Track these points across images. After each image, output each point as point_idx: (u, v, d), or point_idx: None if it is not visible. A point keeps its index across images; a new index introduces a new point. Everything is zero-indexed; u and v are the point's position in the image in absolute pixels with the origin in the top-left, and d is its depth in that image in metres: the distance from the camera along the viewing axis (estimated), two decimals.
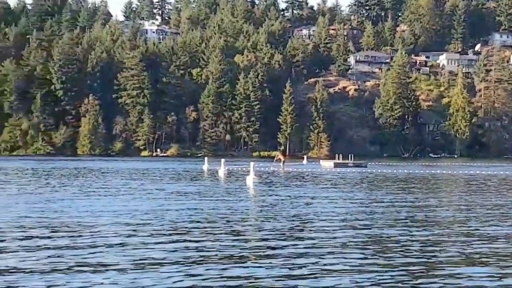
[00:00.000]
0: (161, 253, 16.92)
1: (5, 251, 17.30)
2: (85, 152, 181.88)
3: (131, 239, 19.47)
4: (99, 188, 44.67)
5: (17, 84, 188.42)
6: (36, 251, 17.34)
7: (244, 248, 17.99)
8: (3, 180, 55.23)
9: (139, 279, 13.88)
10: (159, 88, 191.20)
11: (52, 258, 16.18)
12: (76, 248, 17.72)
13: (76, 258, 16.08)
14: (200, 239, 19.55)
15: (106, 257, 16.21)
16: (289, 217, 26.00)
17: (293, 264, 15.61)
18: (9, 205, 30.67)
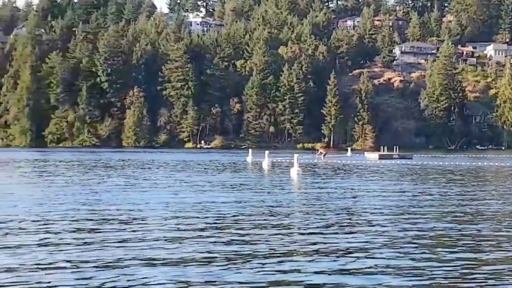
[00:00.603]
0: (208, 247, 16.79)
1: (52, 243, 17.32)
2: (130, 144, 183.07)
3: (179, 232, 19.38)
4: (144, 180, 44.79)
5: (63, 77, 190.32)
6: (83, 244, 17.32)
7: (291, 242, 17.79)
8: (52, 171, 55.71)
9: (187, 274, 13.68)
10: (203, 80, 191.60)
11: (101, 252, 16.14)
12: (125, 241, 17.67)
13: (124, 252, 16.00)
14: (246, 233, 19.37)
15: (155, 251, 16.08)
16: (336, 210, 25.72)
17: (341, 260, 15.32)
18: (57, 197, 30.84)
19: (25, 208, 25.75)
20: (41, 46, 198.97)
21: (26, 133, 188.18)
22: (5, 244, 17.22)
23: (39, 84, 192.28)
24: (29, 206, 26.67)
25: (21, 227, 20.57)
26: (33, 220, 22.30)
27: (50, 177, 47.41)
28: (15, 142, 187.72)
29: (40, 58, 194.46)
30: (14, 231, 19.66)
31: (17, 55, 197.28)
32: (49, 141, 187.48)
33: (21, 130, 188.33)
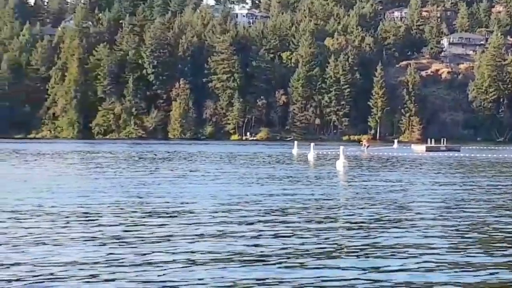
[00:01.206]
0: (257, 242, 16.52)
1: (98, 237, 17.23)
2: (175, 136, 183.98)
3: (226, 226, 19.15)
4: (192, 172, 44.80)
5: (110, 69, 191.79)
6: (130, 238, 17.20)
7: (340, 237, 17.47)
8: (99, 163, 56.08)
9: (236, 271, 13.24)
10: (249, 72, 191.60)
11: (148, 246, 15.98)
12: (172, 236, 17.48)
13: (171, 247, 15.80)
14: (294, 227, 19.08)
15: (202, 246, 15.79)
16: (384, 204, 25.34)
17: (391, 256, 14.92)
18: (105, 189, 30.93)
19: (74, 200, 25.81)
20: (88, 39, 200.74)
21: (74, 125, 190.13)
22: (52, 237, 17.17)
23: (87, 76, 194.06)
24: (77, 198, 26.75)
25: (70, 219, 20.57)
26: (81, 212, 22.30)
27: (98, 169, 47.70)
28: (62, 134, 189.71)
29: (87, 51, 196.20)
30: (61, 223, 19.66)
31: (65, 48, 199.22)
32: (96, 132, 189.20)
33: (68, 122, 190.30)
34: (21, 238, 16.77)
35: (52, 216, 21.09)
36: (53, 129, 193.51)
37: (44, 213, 21.77)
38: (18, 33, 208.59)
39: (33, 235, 17.21)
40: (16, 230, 18.14)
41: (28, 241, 16.44)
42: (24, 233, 17.53)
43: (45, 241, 16.40)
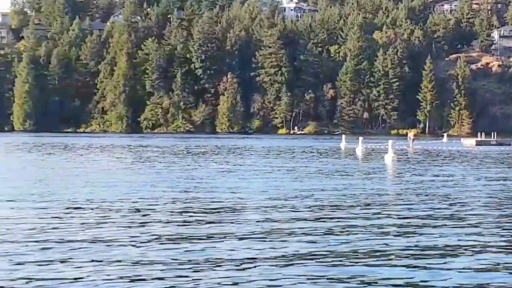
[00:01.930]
0: (310, 238, 16.35)
1: (146, 234, 17.20)
2: (223, 130, 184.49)
3: (277, 224, 18.97)
4: (240, 166, 44.76)
5: (158, 63, 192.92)
6: (182, 235, 17.15)
7: (392, 234, 17.20)
8: (149, 157, 56.38)
9: (291, 271, 12.97)
10: (296, 66, 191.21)
11: (201, 244, 15.90)
12: (221, 233, 17.39)
13: (220, 246, 15.60)
14: (344, 224, 18.86)
15: (253, 244, 15.58)
16: (436, 199, 24.96)
17: (445, 254, 14.54)
18: (156, 183, 31.03)
19: (124, 194, 25.91)
20: (137, 33, 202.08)
21: (122, 119, 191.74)
22: (101, 235, 17.18)
23: (135, 70, 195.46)
24: (127, 192, 26.85)
25: (120, 214, 20.62)
26: (131, 207, 22.35)
27: (148, 163, 47.93)
28: (111, 128, 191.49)
29: (136, 45, 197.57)
30: (111, 217, 19.72)
31: (114, 42, 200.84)
32: (144, 127, 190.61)
33: (117, 116, 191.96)
34: (74, 234, 16.84)
35: (104, 210, 21.18)
36: (102, 123, 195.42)
37: (96, 208, 21.87)
38: (68, 28, 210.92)
39: (86, 230, 17.28)
40: (69, 225, 18.23)
41: (82, 237, 16.49)
42: (78, 228, 17.61)
43: (98, 237, 16.43)
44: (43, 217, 19.52)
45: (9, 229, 17.40)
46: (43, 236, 16.29)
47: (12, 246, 14.91)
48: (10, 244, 15.18)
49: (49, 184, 30.59)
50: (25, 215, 19.94)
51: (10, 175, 36.12)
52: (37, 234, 16.61)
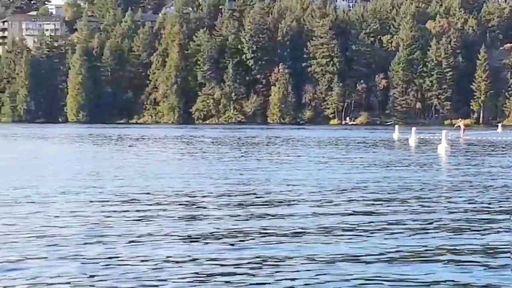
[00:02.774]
0: (360, 236, 16.16)
1: (193, 228, 17.15)
2: (274, 121, 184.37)
3: (328, 219, 18.83)
4: (293, 157, 44.60)
5: (210, 54, 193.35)
6: (235, 231, 17.07)
7: (448, 230, 16.89)
8: (201, 148, 56.53)
9: (347, 270, 12.81)
10: (348, 56, 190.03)
11: (255, 241, 15.81)
12: (272, 228, 17.26)
13: (280, 243, 15.44)
14: (397, 219, 18.60)
15: (307, 242, 15.40)
16: (493, 191, 24.49)
17: (504, 252, 14.24)
18: (210, 173, 31.04)
19: (177, 186, 25.96)
20: (188, 24, 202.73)
21: (174, 110, 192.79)
22: (153, 229, 17.18)
23: (187, 62, 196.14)
24: (180, 184, 26.90)
25: (173, 206, 20.64)
26: (184, 199, 22.37)
27: (201, 154, 48.03)
28: (163, 118, 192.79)
29: (187, 36, 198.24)
30: (164, 210, 19.74)
31: (166, 34, 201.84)
32: (196, 117, 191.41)
33: (169, 107, 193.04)
34: (130, 227, 16.89)
35: (157, 202, 21.23)
36: (154, 114, 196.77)
37: (150, 200, 21.94)
38: (120, 20, 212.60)
39: (141, 223, 17.33)
40: (125, 217, 18.30)
41: (137, 230, 16.54)
42: (133, 221, 17.67)
43: (152, 231, 16.45)
44: (98, 210, 19.63)
45: (66, 221, 17.51)
46: (99, 230, 16.34)
47: (70, 240, 14.98)
48: (69, 238, 15.25)
49: (104, 176, 30.82)
50: (80, 207, 20.07)
51: (66, 167, 36.52)
52: (94, 227, 16.67)
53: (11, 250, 13.79)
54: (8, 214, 18.51)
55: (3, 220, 17.49)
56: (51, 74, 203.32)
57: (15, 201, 21.13)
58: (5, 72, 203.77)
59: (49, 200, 21.50)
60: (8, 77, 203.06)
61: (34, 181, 27.48)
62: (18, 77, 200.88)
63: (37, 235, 15.41)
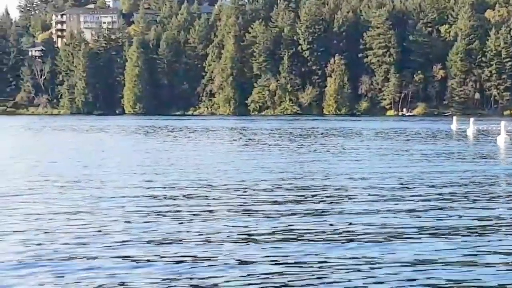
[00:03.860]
0: (416, 222, 15.83)
1: (245, 222, 17.00)
2: (330, 112, 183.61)
3: (387, 213, 18.50)
4: (350, 149, 44.19)
5: (265, 46, 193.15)
6: (291, 230, 16.89)
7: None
8: (261, 139, 56.44)
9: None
10: (405, 47, 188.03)
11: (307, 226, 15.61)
12: (327, 224, 17.01)
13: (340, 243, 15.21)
14: (456, 209, 18.19)
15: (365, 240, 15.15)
16: None
17: None
18: (270, 166, 30.91)
19: (238, 177, 25.88)
20: (244, 16, 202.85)
21: (230, 102, 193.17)
22: (200, 230, 17.08)
23: (243, 53, 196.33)
24: (239, 174, 26.81)
25: (230, 200, 20.57)
26: (240, 190, 22.25)
27: (259, 146, 47.91)
28: (219, 110, 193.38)
29: (243, 28, 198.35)
30: (220, 204, 19.68)
31: (222, 25, 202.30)
32: (252, 109, 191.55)
33: (225, 98, 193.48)
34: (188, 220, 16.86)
35: (214, 195, 21.17)
36: (210, 106, 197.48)
37: (207, 192, 21.90)
38: (177, 12, 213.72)
39: (198, 216, 17.29)
40: (181, 211, 18.28)
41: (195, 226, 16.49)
42: (191, 213, 17.64)
43: (206, 225, 16.38)
44: (160, 203, 19.66)
45: (127, 212, 17.56)
46: (157, 221, 16.35)
47: (134, 229, 15.01)
48: (133, 227, 15.28)
49: (165, 169, 30.92)
50: (138, 199, 20.13)
51: (130, 160, 36.81)
52: (152, 218, 16.69)
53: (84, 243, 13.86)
54: (83, 209, 18.61)
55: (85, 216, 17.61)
56: (109, 66, 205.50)
57: (88, 195, 21.23)
58: (63, 65, 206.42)
59: (117, 195, 21.57)
60: (67, 70, 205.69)
61: (105, 176, 27.52)
62: (76, 69, 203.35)
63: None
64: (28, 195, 20.95)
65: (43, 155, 39.88)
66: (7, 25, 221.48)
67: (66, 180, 25.25)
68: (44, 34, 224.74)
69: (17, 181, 25.10)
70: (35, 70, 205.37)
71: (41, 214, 17.28)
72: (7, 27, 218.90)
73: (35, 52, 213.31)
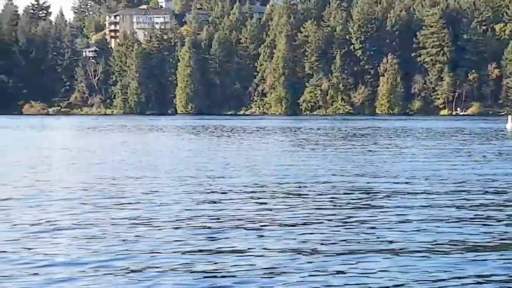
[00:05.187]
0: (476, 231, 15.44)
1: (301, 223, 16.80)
2: (383, 112, 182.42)
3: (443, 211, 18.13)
4: (407, 149, 43.67)
5: (317, 45, 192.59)
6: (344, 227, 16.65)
7: None
8: (316, 140, 56.17)
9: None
10: (459, 45, 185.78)
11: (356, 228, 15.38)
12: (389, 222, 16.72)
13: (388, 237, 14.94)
14: None
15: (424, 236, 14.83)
16: None
17: None
18: (320, 167, 30.66)
19: (287, 178, 25.68)
20: (296, 16, 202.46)
21: (282, 101, 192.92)
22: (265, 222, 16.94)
23: (294, 53, 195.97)
24: (288, 175, 26.60)
25: (283, 200, 20.39)
26: (294, 190, 22.07)
27: (311, 146, 47.66)
28: (271, 110, 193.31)
29: (295, 27, 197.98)
30: (275, 203, 19.51)
31: (273, 25, 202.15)
32: (303, 109, 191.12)
33: (277, 98, 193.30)
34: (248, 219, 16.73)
35: (270, 195, 21.01)
36: (261, 106, 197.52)
37: (259, 192, 21.76)
38: (229, 12, 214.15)
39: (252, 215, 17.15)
40: (240, 209, 18.16)
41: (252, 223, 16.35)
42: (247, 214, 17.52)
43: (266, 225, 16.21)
44: (213, 202, 19.59)
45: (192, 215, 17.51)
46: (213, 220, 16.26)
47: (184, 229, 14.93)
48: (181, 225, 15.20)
49: (220, 169, 30.87)
50: (202, 201, 20.08)
51: (184, 160, 36.88)
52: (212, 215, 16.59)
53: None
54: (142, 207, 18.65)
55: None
56: (161, 66, 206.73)
57: (149, 193, 21.28)
58: (116, 65, 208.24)
59: (177, 197, 21.57)
60: (120, 70, 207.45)
61: (162, 177, 27.55)
62: (129, 70, 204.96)
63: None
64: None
65: (128, 155, 39.89)
66: (62, 26, 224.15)
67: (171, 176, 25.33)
68: (97, 35, 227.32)
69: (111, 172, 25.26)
70: (89, 70, 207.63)
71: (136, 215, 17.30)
72: (61, 29, 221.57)
73: (89, 53, 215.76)
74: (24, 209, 18.17)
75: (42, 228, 15.42)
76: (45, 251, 13.08)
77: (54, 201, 19.67)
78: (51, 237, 14.40)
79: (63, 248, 13.44)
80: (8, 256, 12.73)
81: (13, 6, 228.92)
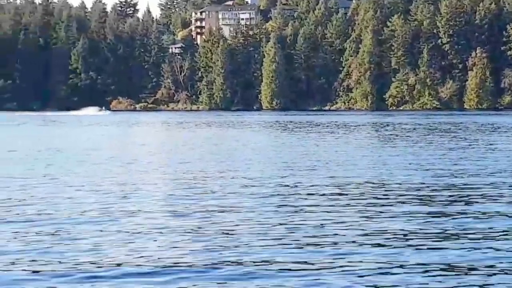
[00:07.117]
0: None
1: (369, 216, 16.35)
2: (472, 107, 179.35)
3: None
4: (503, 145, 42.59)
5: (404, 39, 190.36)
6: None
7: None
8: (404, 135, 55.48)
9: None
10: None
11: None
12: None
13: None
14: None
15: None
16: None
17: None
18: (402, 164, 30.11)
19: (366, 175, 25.29)
20: (382, 10, 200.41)
21: (368, 97, 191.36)
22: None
23: (381, 47, 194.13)
24: (372, 172, 26.20)
25: (359, 200, 20.01)
26: (377, 188, 21.62)
27: (396, 142, 46.99)
28: (356, 105, 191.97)
29: (381, 22, 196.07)
30: (349, 202, 19.14)
31: (360, 20, 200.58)
32: (390, 104, 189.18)
33: (362, 93, 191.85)
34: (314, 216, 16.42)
35: (347, 193, 20.63)
36: (347, 101, 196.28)
37: (333, 189, 21.39)
38: (314, 7, 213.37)
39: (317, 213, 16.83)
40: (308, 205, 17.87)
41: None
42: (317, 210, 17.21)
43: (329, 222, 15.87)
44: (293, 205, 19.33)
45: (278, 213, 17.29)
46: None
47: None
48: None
49: (304, 165, 30.63)
50: (285, 198, 19.85)
51: (269, 156, 36.79)
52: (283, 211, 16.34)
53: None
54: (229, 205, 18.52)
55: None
56: (246, 62, 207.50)
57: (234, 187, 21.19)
58: (202, 62, 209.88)
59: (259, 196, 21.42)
60: (205, 66, 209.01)
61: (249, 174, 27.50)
62: (215, 66, 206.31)
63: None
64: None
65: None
66: (149, 23, 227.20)
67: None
68: (183, 32, 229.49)
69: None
70: (175, 67, 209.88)
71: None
72: (148, 25, 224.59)
73: (175, 49, 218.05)
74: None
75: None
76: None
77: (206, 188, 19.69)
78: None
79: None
80: None
81: (102, 4, 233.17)
